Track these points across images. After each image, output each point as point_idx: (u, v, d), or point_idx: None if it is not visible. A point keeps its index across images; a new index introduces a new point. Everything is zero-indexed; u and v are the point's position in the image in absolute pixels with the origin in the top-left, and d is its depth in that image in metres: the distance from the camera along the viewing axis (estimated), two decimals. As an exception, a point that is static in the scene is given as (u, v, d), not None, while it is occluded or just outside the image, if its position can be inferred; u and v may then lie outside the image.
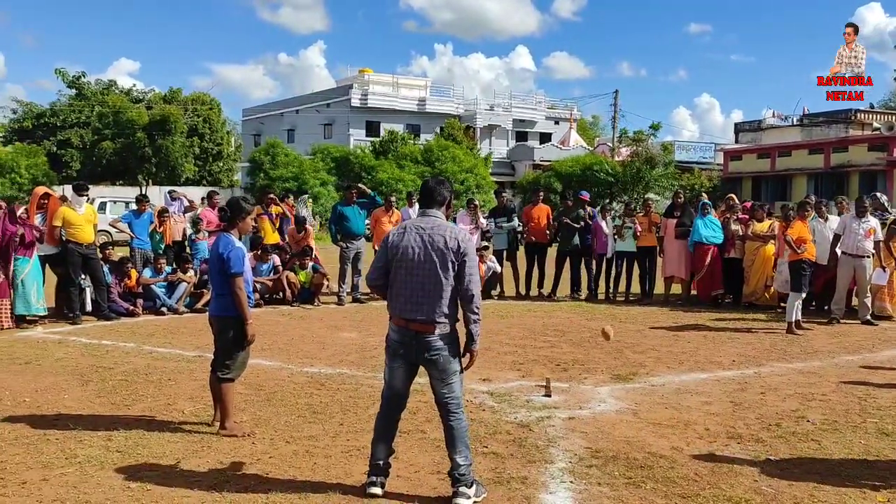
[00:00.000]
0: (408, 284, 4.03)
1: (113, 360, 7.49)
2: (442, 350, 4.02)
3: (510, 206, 13.40)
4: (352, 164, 34.94)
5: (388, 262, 4.12)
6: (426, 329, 4.00)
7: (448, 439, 4.11)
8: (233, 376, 5.16)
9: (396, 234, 4.15)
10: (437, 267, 3.98)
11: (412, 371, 4.15)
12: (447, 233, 4.04)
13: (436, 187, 4.22)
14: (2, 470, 4.42)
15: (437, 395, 4.12)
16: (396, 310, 4.09)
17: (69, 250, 9.72)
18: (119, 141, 33.98)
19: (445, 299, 4.00)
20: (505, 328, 9.77)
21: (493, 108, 47.79)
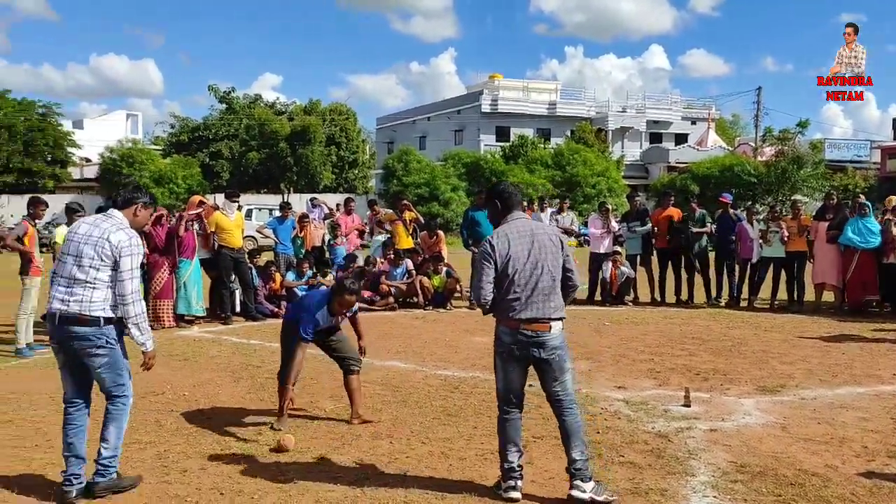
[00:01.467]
0: (524, 288, 4.05)
1: (261, 358, 7.95)
2: (557, 348, 4.07)
3: (643, 210, 13.02)
4: (482, 170, 35.22)
5: (499, 273, 4.09)
6: (543, 328, 4.04)
7: (564, 436, 4.12)
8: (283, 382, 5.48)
9: (501, 244, 4.10)
10: (549, 266, 4.08)
11: (525, 371, 4.19)
12: (546, 231, 4.22)
13: (515, 190, 4.33)
14: (165, 458, 4.80)
15: (549, 392, 4.14)
16: (510, 313, 4.09)
17: (221, 254, 10.42)
18: (264, 151, 36.06)
19: (559, 295, 4.12)
20: (640, 335, 9.50)
21: (625, 110, 46.66)
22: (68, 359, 4.19)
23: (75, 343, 4.09)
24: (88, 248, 4.09)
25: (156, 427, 5.45)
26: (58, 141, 35.43)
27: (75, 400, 4.25)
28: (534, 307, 4.04)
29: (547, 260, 4.07)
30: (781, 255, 11.65)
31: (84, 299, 4.05)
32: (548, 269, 4.07)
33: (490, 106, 43.84)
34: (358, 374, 5.67)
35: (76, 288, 4.07)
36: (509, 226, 4.18)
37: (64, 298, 4.08)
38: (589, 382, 6.78)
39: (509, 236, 4.12)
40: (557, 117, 44.98)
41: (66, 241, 4.23)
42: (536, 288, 4.04)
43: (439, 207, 32.39)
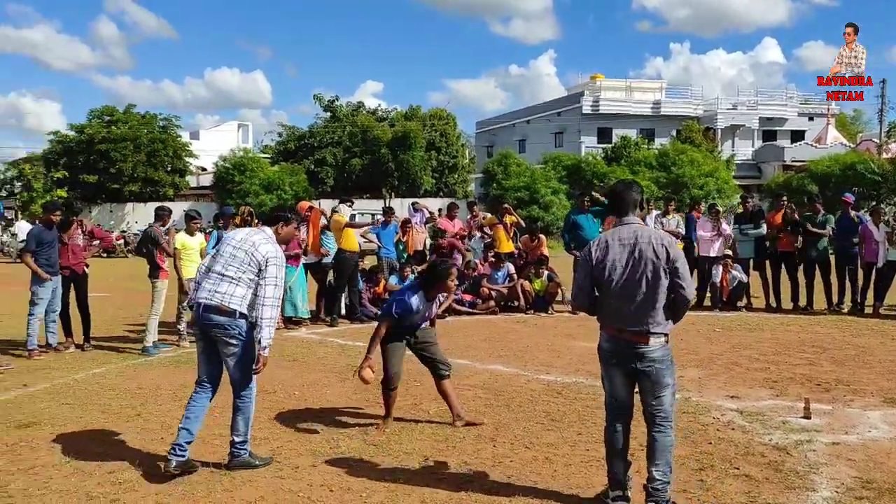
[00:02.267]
0: (619, 298, 3.92)
1: (366, 360, 8.11)
2: (655, 362, 3.88)
3: (757, 212, 12.45)
4: (583, 172, 34.70)
5: (594, 279, 4.02)
6: (641, 340, 3.89)
7: (649, 451, 3.96)
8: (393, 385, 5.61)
9: (598, 251, 4.02)
10: (648, 278, 3.87)
11: (630, 380, 4.02)
12: (653, 239, 3.92)
13: (624, 192, 4.09)
14: (278, 455, 4.99)
15: (645, 406, 3.98)
16: (608, 319, 4.01)
17: (343, 258, 10.72)
18: (366, 157, 36.89)
19: (659, 309, 3.88)
20: (754, 342, 9.08)
21: (735, 107, 44.79)
22: (206, 345, 4.76)
23: (214, 331, 4.64)
24: (241, 253, 4.70)
25: (269, 424, 5.67)
26: (177, 151, 37.54)
27: (204, 382, 4.77)
28: (630, 318, 3.90)
29: (647, 271, 3.87)
30: (911, 259, 10.86)
31: (227, 293, 4.62)
32: (646, 281, 3.87)
33: (591, 107, 43.15)
34: (449, 378, 5.66)
35: (223, 283, 4.66)
36: (614, 231, 4.06)
37: (211, 290, 4.66)
38: (700, 391, 6.55)
39: (609, 243, 4.00)
40: (662, 117, 43.74)
41: (223, 244, 4.86)
42: (633, 299, 3.89)
43: (539, 211, 32.14)
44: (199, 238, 9.17)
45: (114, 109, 37.69)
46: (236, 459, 4.71)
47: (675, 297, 3.90)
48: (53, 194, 31.34)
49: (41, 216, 8.61)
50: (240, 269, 4.66)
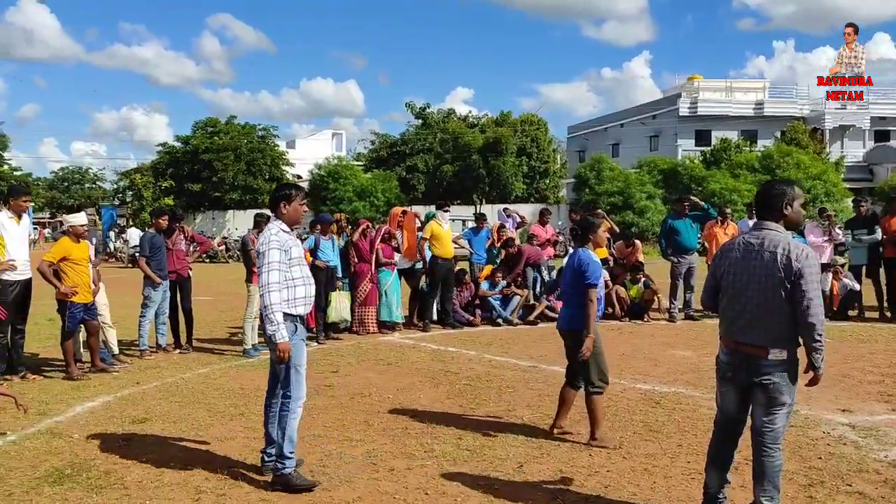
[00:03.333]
0: (736, 305, 3.73)
1: (458, 365, 8.17)
2: (772, 376, 3.62)
3: (871, 217, 11.74)
4: (680, 176, 33.72)
5: (717, 280, 3.88)
6: (757, 353, 3.65)
7: (755, 473, 3.76)
8: (600, 388, 5.27)
9: (724, 250, 3.90)
10: (765, 287, 3.61)
11: (744, 396, 3.78)
12: (779, 248, 3.62)
13: (763, 194, 3.82)
14: (374, 457, 5.07)
15: (755, 423, 3.74)
16: (726, 330, 3.82)
17: (437, 264, 10.81)
18: (457, 164, 37.14)
19: (779, 322, 3.61)
20: (867, 353, 8.57)
21: (845, 107, 42.44)
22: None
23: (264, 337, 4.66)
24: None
25: (364, 426, 5.78)
26: (275, 160, 38.98)
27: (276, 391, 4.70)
28: (746, 329, 3.69)
29: (761, 281, 3.63)
30: None
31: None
32: (759, 292, 3.63)
33: (689, 109, 41.96)
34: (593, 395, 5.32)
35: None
36: (744, 236, 3.87)
37: None
38: (808, 403, 6.22)
39: (736, 245, 3.83)
40: (765, 118, 42.01)
41: None
42: (745, 308, 3.69)
43: (634, 216, 31.46)
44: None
45: (216, 121, 39.58)
46: (275, 475, 4.52)
47: (797, 312, 3.57)
48: (161, 202, 33.15)
49: (153, 222, 9.11)
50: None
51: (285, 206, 4.70)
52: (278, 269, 4.50)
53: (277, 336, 4.42)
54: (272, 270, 4.48)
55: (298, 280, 4.62)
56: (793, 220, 3.79)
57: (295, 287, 4.59)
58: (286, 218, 4.70)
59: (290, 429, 4.53)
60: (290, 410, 4.54)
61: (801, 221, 3.90)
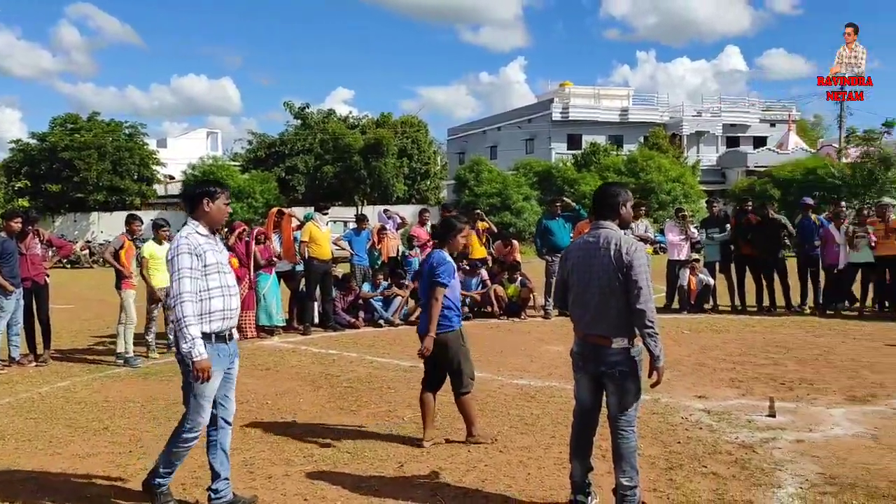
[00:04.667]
0: (583, 299, 3.99)
1: (339, 368, 8.13)
2: (619, 365, 3.88)
3: (723, 216, 12.69)
4: (554, 178, 35.01)
5: (566, 279, 4.13)
6: (603, 343, 3.91)
7: (614, 457, 3.99)
8: (469, 389, 5.30)
9: (568, 250, 4.18)
10: (604, 280, 3.88)
11: (597, 385, 4.02)
12: (612, 243, 3.90)
13: (601, 195, 4.10)
14: (251, 465, 4.97)
15: (609, 409, 4.00)
16: (576, 324, 4.08)
17: (313, 266, 10.65)
18: (338, 165, 36.79)
19: (619, 312, 3.86)
20: (720, 343, 9.26)
21: (700, 114, 45.53)
22: None
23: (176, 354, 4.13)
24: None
25: (241, 434, 5.64)
26: (144, 159, 37.09)
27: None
28: (591, 321, 3.95)
29: (603, 275, 3.88)
30: (870, 260, 11.15)
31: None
32: (600, 285, 3.89)
33: (561, 114, 43.56)
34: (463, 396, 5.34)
35: None
36: (586, 234, 4.13)
37: None
38: (669, 392, 6.65)
39: (576, 246, 4.11)
40: (630, 123, 44.30)
41: None
42: (589, 302, 3.95)
43: (511, 217, 32.34)
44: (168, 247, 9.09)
45: (77, 117, 37.21)
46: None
47: (629, 302, 3.83)
48: (15, 204, 30.77)
49: (5, 225, 8.43)
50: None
51: (209, 204, 4.14)
52: (190, 277, 3.97)
53: (194, 353, 3.89)
54: (183, 278, 3.95)
55: (215, 291, 4.07)
56: (626, 219, 4.11)
57: (210, 299, 4.04)
58: (208, 218, 4.16)
59: (176, 455, 4.16)
60: (185, 436, 4.10)
61: (630, 221, 4.24)
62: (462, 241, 5.55)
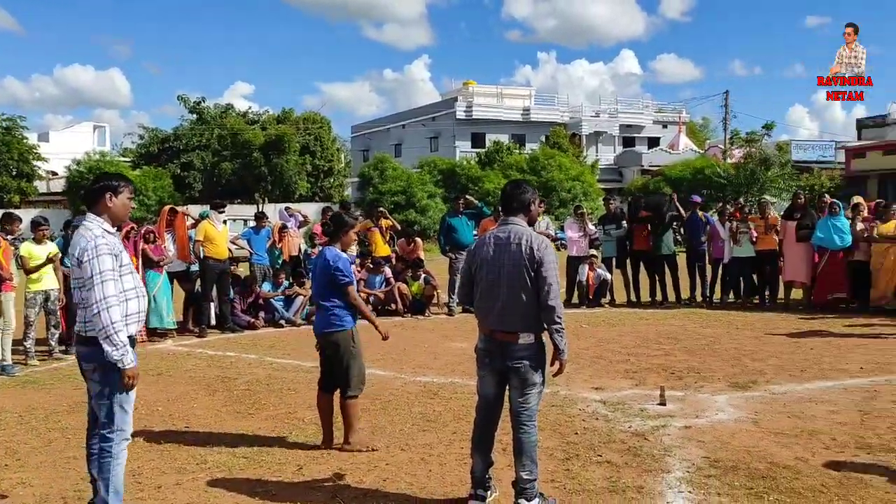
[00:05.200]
0: (491, 295, 4.01)
1: (237, 370, 7.89)
2: (524, 360, 3.94)
3: (619, 213, 13.14)
4: (458, 176, 35.32)
5: (472, 274, 4.13)
6: (509, 338, 3.95)
7: (515, 451, 4.01)
8: (355, 393, 5.21)
9: (476, 246, 4.17)
10: (513, 277, 3.93)
11: (501, 380, 4.07)
12: (523, 240, 3.95)
13: (512, 193, 4.13)
14: (139, 475, 4.74)
15: (512, 404, 4.05)
16: (482, 320, 4.10)
17: (208, 266, 10.28)
18: (237, 161, 35.77)
19: (527, 308, 3.92)
20: (616, 336, 9.58)
21: (598, 115, 47.11)
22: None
23: (81, 364, 3.89)
24: (76, 267, 3.76)
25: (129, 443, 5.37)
26: (23, 154, 34.85)
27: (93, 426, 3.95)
28: (498, 317, 3.98)
29: (513, 271, 3.92)
30: (752, 255, 11.82)
31: (83, 318, 3.77)
32: (506, 281, 3.93)
33: (465, 112, 44.03)
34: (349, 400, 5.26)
35: (79, 309, 3.83)
36: (494, 230, 4.15)
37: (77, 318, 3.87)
38: (567, 384, 6.82)
39: (485, 242, 4.11)
40: (532, 123, 45.28)
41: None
42: (497, 298, 3.98)
43: (416, 214, 32.38)
44: (49, 247, 8.57)
45: (-51, 110, 34.55)
46: None
47: (539, 299, 3.91)
48: None
49: None
50: (83, 286, 3.73)
51: (111, 200, 3.82)
52: (113, 280, 3.67)
53: (126, 360, 3.65)
54: (106, 282, 3.63)
55: (131, 292, 3.80)
56: (534, 216, 4.20)
57: (128, 301, 3.77)
58: (111, 213, 3.84)
59: (115, 477, 3.79)
60: (112, 455, 3.79)
61: (537, 218, 4.32)
62: (354, 238, 5.50)
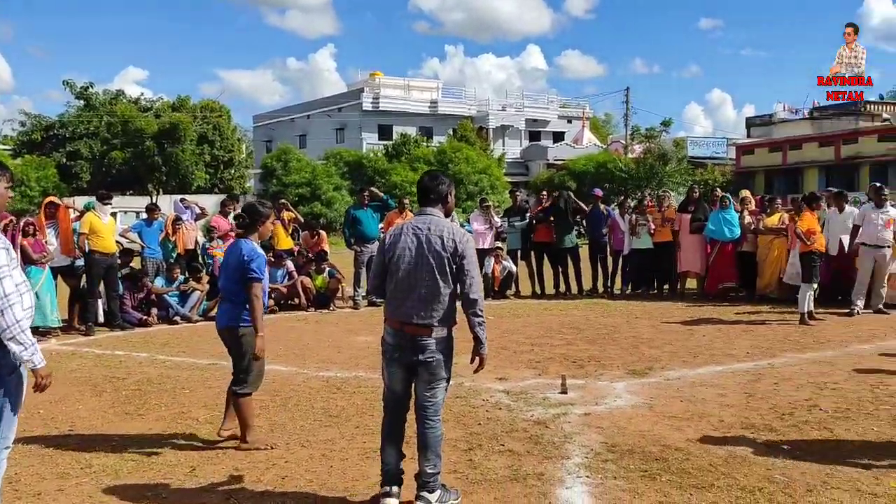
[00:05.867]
0: (405, 287, 3.90)
1: (126, 370, 7.51)
2: (436, 354, 3.88)
3: (524, 206, 13.32)
4: (365, 168, 35.05)
5: (386, 265, 4.00)
6: (422, 332, 3.87)
7: (420, 445, 3.97)
8: (250, 390, 5.03)
9: (392, 236, 4.02)
10: (434, 269, 3.85)
11: (410, 373, 3.98)
12: (444, 233, 3.89)
13: (430, 184, 4.05)
14: (17, 482, 4.40)
15: (418, 398, 3.98)
16: (393, 312, 3.98)
17: (94, 260, 9.71)
18: (128, 150, 34.19)
19: (444, 302, 3.87)
20: (521, 327, 9.71)
21: (505, 109, 47.78)
22: None
23: None
24: None
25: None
26: None
27: None
28: (413, 309, 3.88)
29: (434, 264, 3.84)
30: (650, 246, 12.24)
31: None
32: (427, 273, 3.85)
33: (371, 104, 43.69)
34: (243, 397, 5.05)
35: None
36: (411, 220, 4.05)
37: None
38: (471, 375, 6.82)
39: (404, 231, 3.97)
40: (439, 116, 45.42)
41: None
42: (415, 290, 3.88)
43: (322, 207, 31.94)
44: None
45: None
46: None
47: (461, 291, 3.87)
48: None
49: None
50: None
51: None
52: (10, 276, 3.40)
53: (37, 359, 3.43)
54: (4, 278, 3.38)
55: (22, 286, 3.51)
56: (450, 208, 4.13)
57: (22, 297, 3.47)
58: None
59: None
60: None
61: (452, 210, 4.27)
62: (270, 228, 5.31)
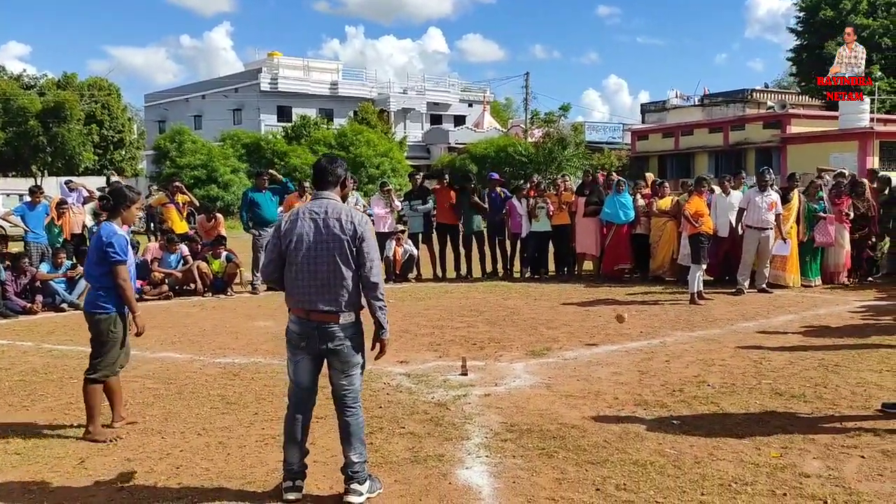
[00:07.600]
0: (306, 273, 3.80)
1: (9, 359, 7.11)
2: (345, 340, 3.82)
3: (425, 189, 13.40)
4: (263, 150, 34.19)
5: (282, 251, 3.87)
6: (329, 319, 3.79)
7: (343, 435, 3.90)
8: (98, 377, 4.84)
9: (289, 222, 3.90)
10: (335, 253, 3.77)
11: (317, 364, 3.91)
12: (342, 216, 3.81)
13: (327, 166, 3.97)
14: None
15: (335, 387, 3.92)
16: (296, 300, 3.87)
17: None
18: (10, 130, 32.07)
19: (347, 287, 3.79)
20: (422, 310, 9.80)
21: (406, 92, 47.65)
22: None
23: None
24: None
25: None
26: None
27: None
28: (318, 296, 3.78)
29: (334, 248, 3.76)
30: (548, 229, 12.58)
31: None
32: (328, 257, 3.76)
33: (270, 84, 42.61)
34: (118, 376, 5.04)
35: None
36: (308, 205, 3.96)
37: None
38: (372, 359, 6.85)
39: (301, 216, 3.87)
40: (340, 98, 44.82)
41: None
42: (316, 276, 3.78)
43: (219, 190, 30.98)
44: None
45: None
46: None
47: (361, 275, 3.81)
48: None
49: None
50: None
51: None
52: None
53: None
54: None
55: None
56: (346, 192, 4.12)
57: None
58: None
59: None
60: None
61: (348, 194, 4.27)
62: (137, 213, 5.12)
